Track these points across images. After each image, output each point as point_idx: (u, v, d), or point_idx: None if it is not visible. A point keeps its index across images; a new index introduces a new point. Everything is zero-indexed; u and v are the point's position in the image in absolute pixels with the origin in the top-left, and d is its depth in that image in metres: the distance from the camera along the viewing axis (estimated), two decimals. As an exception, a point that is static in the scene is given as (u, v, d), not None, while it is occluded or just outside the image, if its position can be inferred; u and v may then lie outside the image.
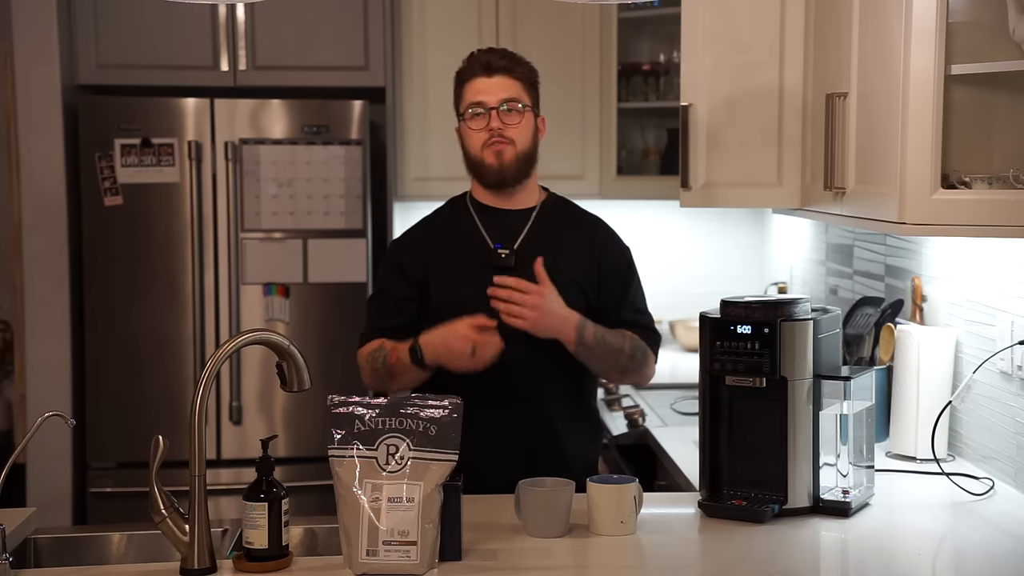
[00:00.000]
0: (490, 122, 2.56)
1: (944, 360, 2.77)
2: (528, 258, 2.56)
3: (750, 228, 4.77)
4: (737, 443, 2.38)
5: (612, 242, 2.71)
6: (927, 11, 2.22)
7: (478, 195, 2.67)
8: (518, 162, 2.59)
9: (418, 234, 2.70)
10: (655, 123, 4.58)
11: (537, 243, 2.61)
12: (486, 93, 2.57)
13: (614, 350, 2.58)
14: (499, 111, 2.56)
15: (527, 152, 2.60)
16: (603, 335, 2.57)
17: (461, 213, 2.67)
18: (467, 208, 2.67)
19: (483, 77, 2.58)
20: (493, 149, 2.57)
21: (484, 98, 2.57)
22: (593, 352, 2.56)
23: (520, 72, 2.60)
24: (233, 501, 3.84)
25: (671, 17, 3.86)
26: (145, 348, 4.08)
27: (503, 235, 2.61)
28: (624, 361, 2.60)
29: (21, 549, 2.21)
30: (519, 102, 2.58)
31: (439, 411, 1.99)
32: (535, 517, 2.17)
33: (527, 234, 2.62)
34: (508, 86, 2.58)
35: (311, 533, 2.29)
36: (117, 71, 4.16)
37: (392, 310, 2.63)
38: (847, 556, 2.19)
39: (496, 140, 2.56)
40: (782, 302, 2.35)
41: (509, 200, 2.64)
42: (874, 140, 2.46)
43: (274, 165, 4.07)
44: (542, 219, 2.65)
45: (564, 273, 2.59)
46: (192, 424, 1.98)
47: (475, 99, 2.58)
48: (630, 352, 2.61)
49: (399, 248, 2.73)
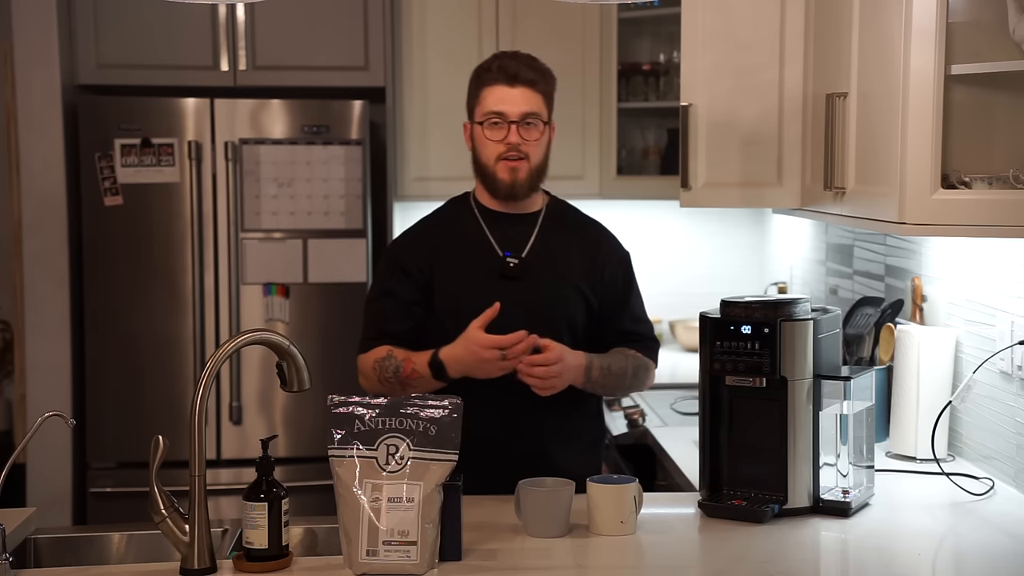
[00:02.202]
0: (508, 136, 2.52)
1: (944, 360, 2.77)
2: (534, 265, 2.56)
3: (750, 228, 4.77)
4: (737, 443, 2.38)
5: (615, 250, 2.70)
6: (927, 11, 2.22)
7: (483, 199, 2.64)
8: (530, 178, 2.57)
9: (420, 235, 2.66)
10: (655, 123, 4.58)
11: (543, 251, 2.59)
12: (509, 104, 2.52)
13: (619, 375, 2.59)
14: (519, 125, 2.53)
15: (540, 167, 2.58)
16: (608, 365, 2.56)
17: (466, 216, 2.64)
18: (472, 211, 2.64)
19: (506, 86, 2.53)
20: (508, 165, 2.54)
21: (506, 109, 2.52)
22: (600, 384, 2.57)
23: (543, 87, 2.56)
24: (233, 501, 3.84)
25: (671, 17, 3.86)
26: (145, 348, 4.08)
27: (510, 243, 2.59)
28: (628, 382, 2.63)
29: (21, 549, 2.21)
30: (539, 117, 2.55)
31: (439, 411, 1.99)
32: (535, 517, 2.17)
33: (534, 242, 2.60)
34: (531, 100, 2.53)
35: (311, 533, 2.29)
36: (117, 71, 4.16)
37: (398, 314, 2.59)
38: (847, 556, 2.19)
39: (511, 155, 2.53)
40: (782, 302, 2.35)
41: (515, 206, 2.62)
42: (874, 140, 2.46)
43: (274, 165, 4.07)
44: (547, 226, 2.63)
45: (568, 280, 2.58)
46: (192, 424, 1.98)
47: (496, 108, 2.53)
48: (633, 372, 2.62)
49: (401, 250, 2.68)
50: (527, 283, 2.54)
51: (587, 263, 2.63)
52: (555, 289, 2.56)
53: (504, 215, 2.62)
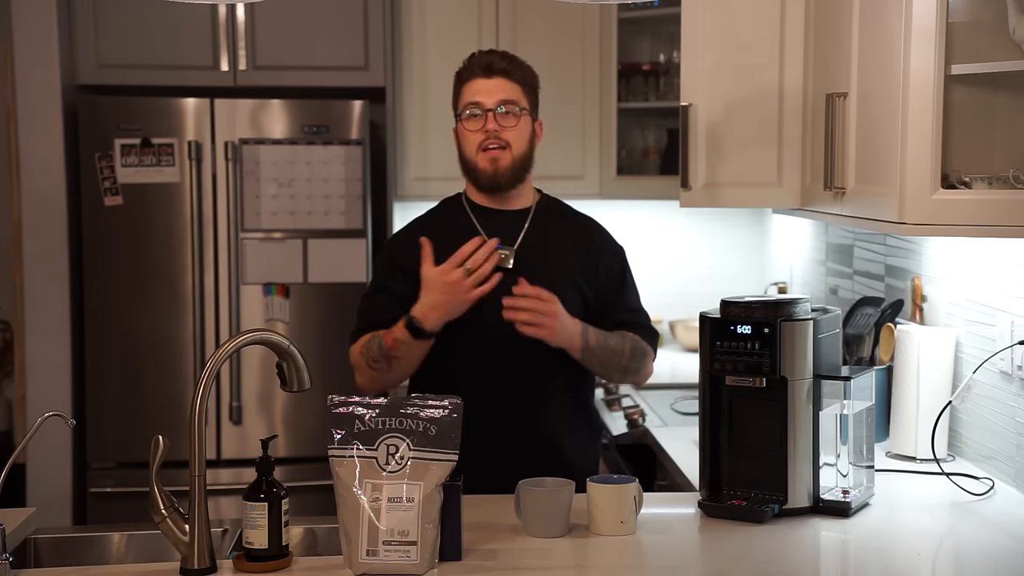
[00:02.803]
0: (486, 123, 2.56)
1: (944, 360, 2.77)
2: (527, 259, 2.57)
3: (750, 228, 4.77)
4: (737, 443, 2.38)
5: (608, 243, 2.72)
6: (927, 11, 2.22)
7: (473, 196, 2.67)
8: (513, 168, 2.59)
9: (415, 233, 2.68)
10: (655, 123, 4.58)
11: (535, 244, 2.61)
12: (484, 94, 2.57)
13: (616, 352, 2.60)
14: (496, 113, 2.56)
15: (522, 157, 2.60)
16: (605, 339, 2.58)
17: (458, 213, 2.67)
18: (463, 208, 2.67)
19: (482, 78, 2.58)
20: (488, 155, 2.57)
21: (481, 99, 2.57)
22: (597, 356, 2.58)
23: (519, 76, 2.60)
24: (233, 501, 3.84)
25: (671, 17, 3.86)
26: (145, 348, 4.08)
27: (501, 236, 2.60)
28: (625, 361, 2.63)
29: (21, 549, 2.21)
30: (517, 105, 2.58)
31: (439, 411, 1.99)
32: (535, 517, 2.17)
33: (525, 235, 2.62)
34: (506, 88, 2.58)
35: (311, 533, 2.29)
36: (117, 71, 4.16)
37: (390, 308, 2.60)
38: (847, 556, 2.19)
39: (491, 143, 2.56)
40: (782, 302, 2.35)
41: (505, 201, 2.64)
42: (874, 140, 2.46)
43: (274, 165, 4.07)
44: (538, 220, 2.66)
45: (562, 274, 2.59)
46: (192, 424, 1.98)
47: (472, 99, 2.58)
48: (631, 352, 2.63)
49: (396, 247, 2.72)
50: (520, 275, 2.55)
51: (580, 257, 2.65)
52: (548, 280, 2.56)
53: (495, 211, 2.65)
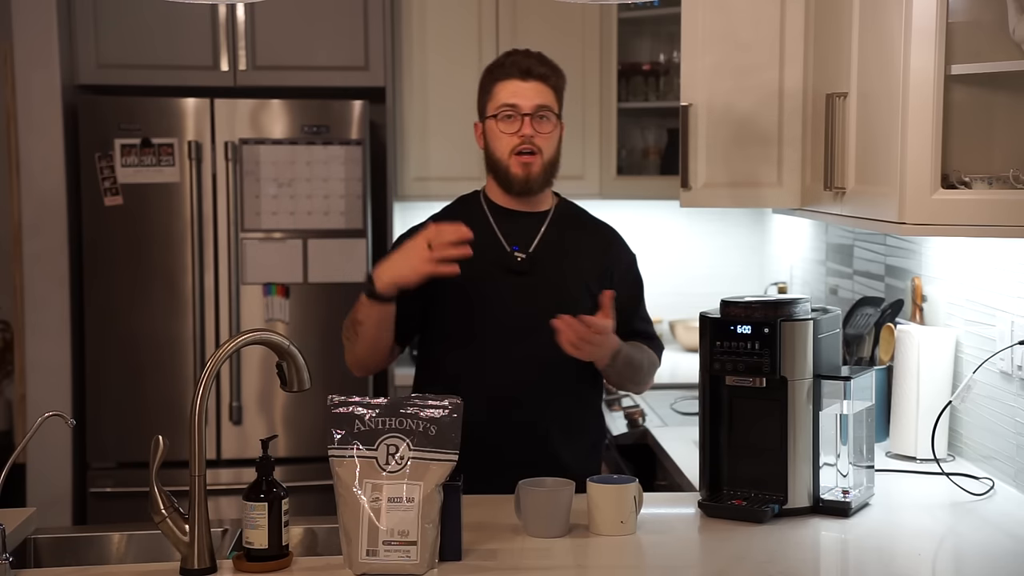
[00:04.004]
0: (522, 128, 2.54)
1: (944, 360, 2.77)
2: (543, 262, 2.56)
3: (750, 228, 4.77)
4: (737, 443, 2.38)
5: (623, 251, 2.72)
6: (927, 11, 2.22)
7: (494, 196, 2.65)
8: (544, 172, 2.59)
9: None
10: (655, 123, 4.58)
11: (551, 247, 2.60)
12: (522, 97, 2.55)
13: (636, 367, 2.61)
14: (533, 118, 2.55)
15: (552, 162, 2.60)
16: (629, 354, 2.57)
17: (475, 212, 2.63)
18: (481, 208, 2.64)
19: (519, 80, 2.56)
20: (521, 160, 2.55)
21: (519, 102, 2.55)
22: (618, 369, 2.57)
23: (555, 81, 2.59)
24: (233, 501, 3.84)
25: (671, 17, 3.86)
26: (145, 348, 4.09)
27: (518, 238, 2.60)
28: (642, 376, 2.66)
29: (21, 549, 2.21)
30: (551, 111, 2.57)
31: (439, 411, 1.99)
32: (535, 517, 2.17)
33: (541, 238, 2.61)
34: (543, 93, 2.56)
35: (311, 533, 2.29)
36: (117, 71, 4.16)
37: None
38: (847, 556, 2.19)
39: (525, 148, 2.55)
40: (782, 302, 2.34)
41: (526, 204, 2.63)
42: (874, 140, 2.46)
43: (274, 165, 4.07)
44: (555, 223, 2.64)
45: (576, 279, 2.59)
46: (192, 424, 1.98)
47: (509, 101, 2.55)
48: (648, 367, 2.66)
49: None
50: (534, 278, 2.55)
51: (596, 263, 2.64)
52: (563, 284, 2.56)
53: (513, 212, 2.63)
